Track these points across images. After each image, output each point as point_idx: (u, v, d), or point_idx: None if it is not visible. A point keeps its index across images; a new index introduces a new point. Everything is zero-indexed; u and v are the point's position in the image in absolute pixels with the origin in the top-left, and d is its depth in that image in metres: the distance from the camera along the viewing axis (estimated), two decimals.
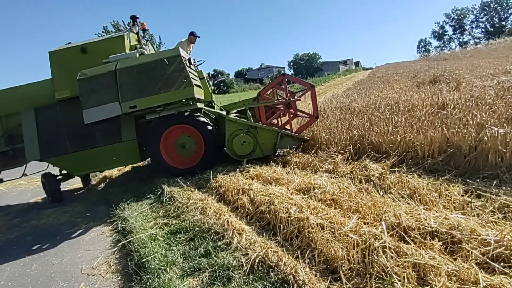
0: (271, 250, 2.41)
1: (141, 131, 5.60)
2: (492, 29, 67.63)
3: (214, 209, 3.45)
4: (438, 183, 3.05)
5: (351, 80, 25.95)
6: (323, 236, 2.41)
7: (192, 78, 5.24)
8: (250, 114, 5.45)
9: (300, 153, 5.21)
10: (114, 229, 3.99)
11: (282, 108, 5.68)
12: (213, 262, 2.52)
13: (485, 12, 70.25)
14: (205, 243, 2.86)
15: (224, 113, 5.75)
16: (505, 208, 2.41)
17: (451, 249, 2.06)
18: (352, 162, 4.15)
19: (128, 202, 4.76)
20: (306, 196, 3.27)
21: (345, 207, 2.89)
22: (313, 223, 2.57)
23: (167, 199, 4.24)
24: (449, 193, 2.83)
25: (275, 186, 3.79)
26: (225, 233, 2.86)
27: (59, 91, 5.36)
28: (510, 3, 67.39)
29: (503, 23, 67.81)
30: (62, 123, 5.47)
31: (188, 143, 5.52)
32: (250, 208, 3.35)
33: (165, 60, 5.00)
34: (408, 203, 2.81)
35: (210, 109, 6.23)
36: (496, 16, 69.11)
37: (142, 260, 2.81)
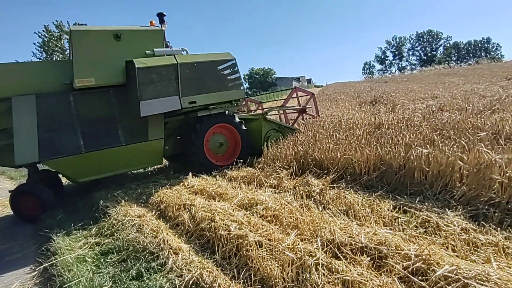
0: (206, 271, 2.32)
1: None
2: (425, 57, 75.91)
3: (152, 226, 3.26)
4: (372, 199, 3.24)
5: (303, 97, 27.02)
6: (260, 254, 2.39)
7: None
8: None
9: (247, 167, 5.22)
10: (37, 250, 3.57)
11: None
12: (144, 285, 2.36)
13: (420, 42, 78.76)
14: (138, 264, 2.67)
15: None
16: (426, 223, 2.61)
17: (378, 264, 2.16)
18: (296, 178, 4.25)
19: (58, 218, 4.34)
20: (248, 212, 3.24)
21: (285, 223, 2.91)
22: (251, 241, 2.54)
23: (102, 215, 3.92)
24: (380, 208, 3.00)
25: (219, 201, 3.72)
26: (161, 253, 2.70)
27: (81, 77, 4.57)
28: (440, 36, 76.49)
29: (434, 53, 76.58)
30: (75, 116, 4.62)
31: (224, 141, 5.81)
32: (190, 225, 3.23)
33: (229, 61, 5.62)
34: (344, 219, 2.93)
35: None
36: (429, 46, 77.86)
37: (65, 286, 2.54)
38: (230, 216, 3.09)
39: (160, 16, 5.44)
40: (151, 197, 4.30)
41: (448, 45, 76.22)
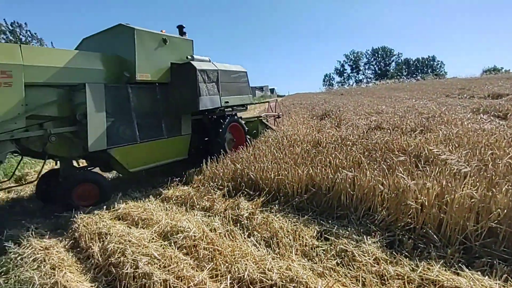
0: None
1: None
2: (379, 71, 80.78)
3: (54, 261, 2.88)
4: (298, 224, 3.14)
5: (264, 106, 27.23)
6: None
7: None
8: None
9: (183, 186, 4.95)
10: None
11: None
12: None
13: (375, 57, 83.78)
14: None
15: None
16: (343, 253, 2.54)
17: None
18: (229, 199, 4.07)
19: None
20: (167, 242, 2.99)
21: (201, 256, 2.70)
22: (157, 280, 2.30)
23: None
24: (303, 236, 2.90)
25: (140, 228, 3.42)
26: None
27: (141, 72, 4.96)
28: (392, 53, 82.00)
29: (388, 67, 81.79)
30: (132, 108, 4.94)
31: (232, 138, 6.68)
32: (100, 258, 2.89)
33: (243, 72, 6.94)
34: (264, 250, 2.78)
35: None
36: (382, 61, 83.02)
37: None
38: (144, 248, 2.81)
39: (180, 28, 6.16)
40: (69, 223, 3.87)
41: (400, 61, 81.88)
